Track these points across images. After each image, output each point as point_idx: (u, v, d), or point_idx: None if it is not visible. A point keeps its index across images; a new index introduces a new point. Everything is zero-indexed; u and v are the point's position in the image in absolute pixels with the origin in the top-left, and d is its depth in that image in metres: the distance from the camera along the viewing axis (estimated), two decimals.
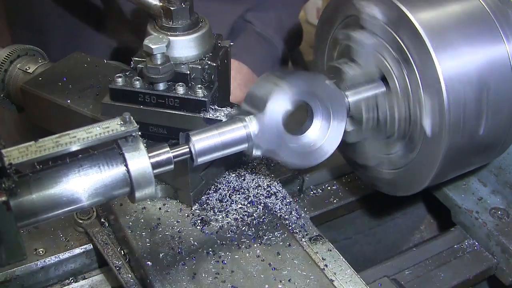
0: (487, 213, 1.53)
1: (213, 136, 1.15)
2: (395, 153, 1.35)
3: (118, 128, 1.03)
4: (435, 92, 1.17)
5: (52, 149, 0.97)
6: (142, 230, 1.36)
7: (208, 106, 1.30)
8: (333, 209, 1.62)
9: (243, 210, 1.41)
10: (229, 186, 1.47)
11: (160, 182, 1.43)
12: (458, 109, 1.17)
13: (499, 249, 1.47)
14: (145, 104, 1.32)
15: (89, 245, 1.43)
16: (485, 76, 1.20)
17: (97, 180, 1.01)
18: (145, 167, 1.03)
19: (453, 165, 1.30)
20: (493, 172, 1.58)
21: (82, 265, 1.44)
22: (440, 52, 1.15)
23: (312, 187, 1.65)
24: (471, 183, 1.61)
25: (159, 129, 1.35)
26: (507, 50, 1.22)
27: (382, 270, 1.43)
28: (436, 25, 1.18)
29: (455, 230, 1.56)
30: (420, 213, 1.83)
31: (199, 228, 1.37)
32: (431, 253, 1.50)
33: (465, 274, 1.46)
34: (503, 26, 1.22)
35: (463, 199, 1.57)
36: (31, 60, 1.61)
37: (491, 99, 1.21)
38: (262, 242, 1.34)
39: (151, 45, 1.24)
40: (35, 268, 1.38)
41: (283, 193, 1.47)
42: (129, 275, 1.33)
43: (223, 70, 1.38)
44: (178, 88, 1.30)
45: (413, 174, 1.32)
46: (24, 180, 0.96)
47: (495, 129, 1.26)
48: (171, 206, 1.43)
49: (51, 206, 0.98)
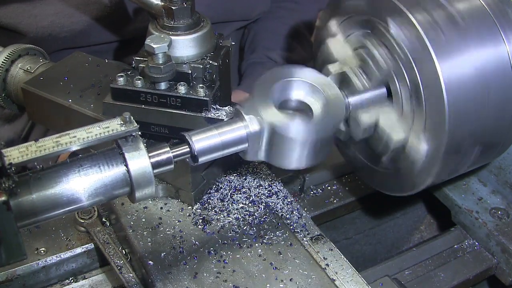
0: (487, 213, 1.53)
1: (213, 136, 1.15)
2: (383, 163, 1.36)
3: (118, 128, 1.03)
4: (435, 92, 1.17)
5: (52, 149, 0.97)
6: (144, 229, 1.36)
7: (210, 105, 1.30)
8: (333, 209, 1.63)
9: (245, 209, 1.41)
10: (230, 186, 1.47)
11: (161, 181, 1.43)
12: (458, 109, 1.17)
13: (499, 249, 1.48)
14: (146, 103, 1.32)
15: (91, 244, 1.44)
16: (485, 76, 1.19)
17: (97, 180, 1.01)
18: (145, 167, 1.03)
19: (453, 165, 1.30)
20: (493, 172, 1.58)
21: (83, 264, 1.45)
22: (439, 52, 1.15)
23: (312, 187, 1.65)
24: (471, 183, 1.61)
25: (160, 129, 1.35)
26: (507, 50, 1.22)
27: (382, 270, 1.43)
28: (436, 25, 1.18)
29: (455, 230, 1.57)
30: (420, 213, 1.83)
31: (200, 228, 1.37)
32: (431, 253, 1.50)
33: (465, 274, 1.46)
34: (503, 26, 1.22)
35: (463, 199, 1.57)
36: (32, 60, 1.61)
37: (491, 99, 1.21)
38: (264, 242, 1.35)
39: (153, 44, 1.24)
40: (36, 268, 1.39)
41: (284, 193, 1.47)
42: (131, 275, 1.33)
43: (224, 70, 1.38)
44: (180, 88, 1.30)
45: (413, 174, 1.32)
46: (24, 180, 0.96)
47: (495, 129, 1.26)
48: (173, 205, 1.43)
49: (51, 206, 0.98)
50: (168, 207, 1.42)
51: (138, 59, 1.32)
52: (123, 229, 1.37)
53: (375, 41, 1.29)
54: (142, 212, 1.41)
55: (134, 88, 1.31)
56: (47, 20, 2.02)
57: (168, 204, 1.43)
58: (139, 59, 1.32)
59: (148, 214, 1.40)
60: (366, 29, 1.32)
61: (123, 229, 1.37)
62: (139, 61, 1.32)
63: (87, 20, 2.07)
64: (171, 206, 1.43)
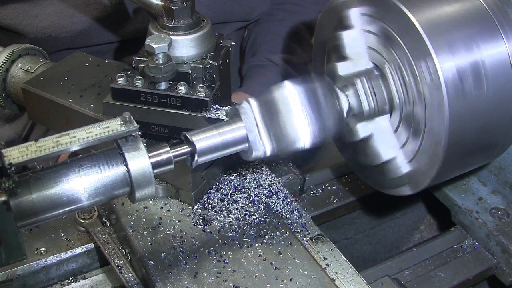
0: (487, 213, 1.53)
1: (213, 136, 1.15)
2: (404, 144, 1.35)
3: (118, 128, 1.03)
4: (435, 92, 1.17)
5: (52, 149, 0.97)
6: (144, 229, 1.36)
7: (210, 105, 1.30)
8: (333, 209, 1.63)
9: (245, 209, 1.41)
10: (230, 186, 1.47)
11: (162, 181, 1.43)
12: (458, 109, 1.17)
13: (499, 249, 1.48)
14: (146, 103, 1.32)
15: (91, 244, 1.44)
16: (485, 76, 1.20)
17: (97, 180, 1.01)
18: (145, 167, 1.03)
19: (453, 165, 1.30)
20: (493, 172, 1.58)
21: (84, 264, 1.45)
22: (440, 52, 1.15)
23: (312, 187, 1.65)
24: (471, 183, 1.61)
25: (160, 129, 1.36)
26: (507, 49, 1.22)
27: (382, 269, 1.43)
28: (436, 24, 1.18)
29: (455, 230, 1.57)
30: (420, 213, 1.83)
31: (200, 228, 1.37)
32: (431, 253, 1.50)
33: (465, 274, 1.46)
34: (503, 25, 1.22)
35: (463, 199, 1.57)
36: (32, 60, 1.61)
37: (491, 98, 1.21)
38: (264, 242, 1.35)
39: (153, 44, 1.24)
40: (36, 268, 1.39)
41: (285, 193, 1.47)
42: (131, 275, 1.33)
43: (224, 70, 1.38)
44: (180, 88, 1.30)
45: (413, 174, 1.32)
46: (24, 180, 0.96)
47: (495, 129, 1.26)
48: (173, 205, 1.43)
49: (51, 206, 0.98)
50: (168, 207, 1.42)
51: (138, 59, 1.32)
52: (123, 229, 1.37)
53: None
54: (142, 212, 1.41)
55: (134, 88, 1.31)
56: (47, 21, 2.02)
57: (168, 204, 1.43)
58: (139, 59, 1.32)
59: (148, 214, 1.40)
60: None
61: (123, 229, 1.37)
62: (139, 61, 1.32)
63: (87, 20, 2.07)
64: (171, 206, 1.43)
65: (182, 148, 1.13)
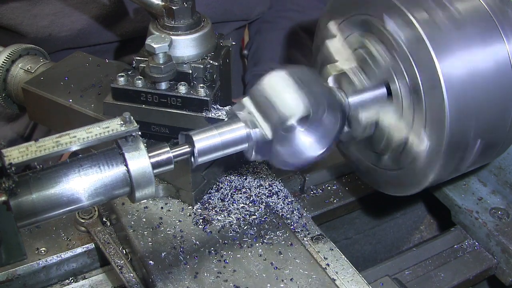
0: (487, 213, 1.53)
1: (213, 136, 1.15)
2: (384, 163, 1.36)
3: (118, 128, 1.03)
4: (435, 92, 1.17)
5: (52, 149, 0.97)
6: (144, 229, 1.36)
7: (210, 105, 1.30)
8: (333, 209, 1.63)
9: (245, 209, 1.42)
10: (230, 186, 1.47)
11: (162, 181, 1.44)
12: (458, 109, 1.17)
13: (499, 249, 1.48)
14: (147, 103, 1.32)
15: (91, 244, 1.44)
16: (485, 76, 1.19)
17: (97, 180, 1.01)
18: (145, 167, 1.03)
19: (454, 163, 1.30)
20: (493, 172, 1.58)
21: (84, 264, 1.45)
22: (440, 52, 1.15)
23: (312, 187, 1.65)
24: (471, 183, 1.61)
25: (161, 129, 1.36)
26: (507, 49, 1.22)
27: (382, 269, 1.43)
28: (436, 25, 1.18)
29: (455, 230, 1.57)
30: (420, 213, 1.83)
31: (201, 228, 1.37)
32: (431, 253, 1.50)
33: (465, 274, 1.46)
34: (503, 25, 1.22)
35: (463, 199, 1.57)
36: (32, 60, 1.61)
37: (490, 98, 1.21)
38: (264, 242, 1.35)
39: (154, 44, 1.24)
40: (36, 268, 1.39)
41: (285, 192, 1.47)
42: (131, 274, 1.33)
43: (225, 70, 1.38)
44: (180, 88, 1.30)
45: (413, 174, 1.32)
46: (24, 180, 0.96)
47: (495, 128, 1.26)
48: (173, 205, 1.43)
49: (51, 206, 0.98)
50: (169, 207, 1.43)
51: (138, 59, 1.32)
52: (123, 229, 1.38)
53: (374, 39, 1.29)
54: (143, 212, 1.41)
55: (135, 88, 1.31)
56: (46, 20, 2.03)
57: (168, 204, 1.43)
58: (140, 59, 1.32)
59: (148, 214, 1.40)
60: (365, 29, 1.32)
61: (123, 229, 1.38)
62: (140, 61, 1.32)
63: (87, 19, 2.07)
64: (172, 206, 1.43)
65: (182, 148, 1.13)
